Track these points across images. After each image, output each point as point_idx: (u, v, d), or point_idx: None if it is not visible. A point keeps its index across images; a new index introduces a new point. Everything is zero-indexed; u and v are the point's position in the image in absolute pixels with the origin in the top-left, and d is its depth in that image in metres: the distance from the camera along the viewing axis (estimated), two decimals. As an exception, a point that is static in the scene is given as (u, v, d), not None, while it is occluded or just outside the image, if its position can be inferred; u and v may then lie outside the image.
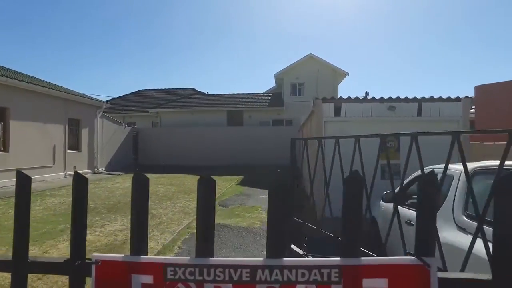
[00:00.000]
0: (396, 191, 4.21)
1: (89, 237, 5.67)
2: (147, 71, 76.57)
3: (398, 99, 6.93)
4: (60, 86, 15.15)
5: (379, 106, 6.83)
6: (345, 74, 23.75)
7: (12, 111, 11.22)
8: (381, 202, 4.68)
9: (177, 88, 30.28)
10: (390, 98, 6.94)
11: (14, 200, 1.44)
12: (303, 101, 20.88)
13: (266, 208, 5.37)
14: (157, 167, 20.32)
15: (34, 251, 4.81)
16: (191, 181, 13.80)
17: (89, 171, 15.59)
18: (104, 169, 17.05)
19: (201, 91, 29.35)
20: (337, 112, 6.97)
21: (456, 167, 3.04)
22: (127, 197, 9.81)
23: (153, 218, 7.17)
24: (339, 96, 22.25)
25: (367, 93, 20.55)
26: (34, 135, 12.15)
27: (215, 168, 19.80)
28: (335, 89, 23.46)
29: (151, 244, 5.32)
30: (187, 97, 26.70)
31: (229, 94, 27.06)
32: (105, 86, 76.18)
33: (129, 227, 5.00)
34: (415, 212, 3.15)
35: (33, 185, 7.00)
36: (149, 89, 31.12)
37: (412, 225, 3.21)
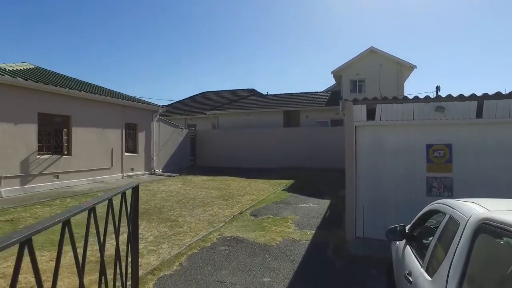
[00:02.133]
0: (409, 225, 3.22)
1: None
2: (215, 74, 79.68)
3: (449, 97, 5.63)
4: (119, 93, 16.25)
5: (424, 107, 5.63)
6: (412, 67, 21.32)
7: (74, 118, 12.26)
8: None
9: (237, 90, 30.63)
10: (439, 96, 5.69)
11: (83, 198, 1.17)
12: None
13: (299, 220, 6.39)
14: (211, 169, 20.71)
15: (40, 258, 4.94)
16: (237, 185, 13.59)
17: (146, 172, 16.44)
18: (161, 170, 17.86)
19: (261, 92, 29.20)
20: (371, 115, 5.96)
21: (467, 209, 2.07)
22: (165, 201, 9.94)
23: (173, 227, 7.02)
24: (403, 93, 20.11)
25: (438, 88, 18.14)
26: (93, 139, 13.14)
27: (268, 171, 19.42)
28: (400, 84, 21.22)
29: (150, 259, 5.08)
30: (243, 98, 26.79)
31: (286, 94, 26.44)
32: (175, 90, 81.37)
33: (147, 236, 5.78)
34: (418, 264, 2.28)
35: (91, 185, 7.95)
36: (211, 91, 32.02)
37: (411, 283, 2.32)
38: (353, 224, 6.08)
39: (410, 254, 2.67)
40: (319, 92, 25.69)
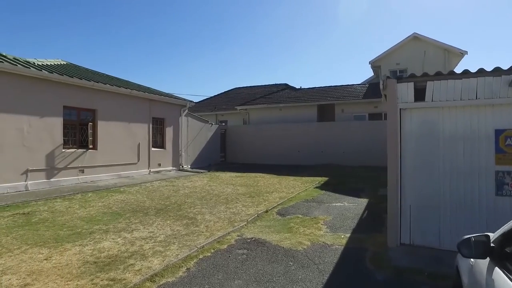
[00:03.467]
0: (494, 236, 2.16)
1: (106, 244, 5.11)
2: (248, 72, 79.40)
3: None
4: (146, 87, 16.01)
5: (492, 82, 4.45)
6: (461, 53, 19.22)
7: (99, 112, 12.08)
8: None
9: (269, 85, 29.77)
10: None
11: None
12: (404, 90, 17.68)
13: (331, 220, 3.96)
14: (241, 165, 20.08)
15: (36, 256, 4.43)
16: (266, 182, 12.78)
17: (174, 168, 16.10)
18: (189, 166, 17.48)
19: (293, 86, 28.12)
20: (420, 95, 4.86)
21: None
22: (187, 197, 9.37)
23: (189, 225, 6.34)
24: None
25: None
26: (119, 134, 12.93)
27: (300, 167, 18.45)
28: (448, 73, 19.23)
29: (153, 262, 4.40)
30: (275, 93, 25.88)
31: (320, 87, 25.15)
32: (207, 86, 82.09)
33: (157, 235, 4.40)
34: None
35: (115, 180, 12.38)
36: (242, 87, 31.44)
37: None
38: (396, 228, 5.03)
39: (505, 282, 1.68)
40: (355, 84, 24.14)
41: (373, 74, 24.30)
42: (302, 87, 26.70)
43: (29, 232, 5.75)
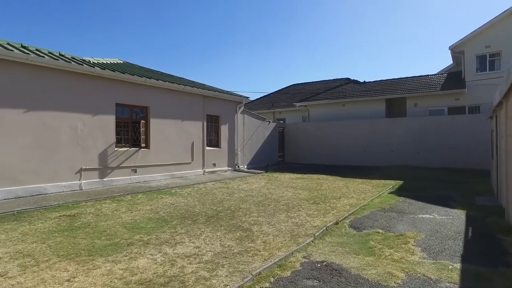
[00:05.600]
0: None
1: (142, 262, 4.16)
2: (308, 69, 77.32)
3: None
4: (199, 83, 15.39)
5: None
6: None
7: (152, 109, 11.63)
8: None
9: (329, 80, 27.87)
10: None
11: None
12: (499, 77, 14.79)
13: (425, 240, 3.39)
14: (300, 166, 18.68)
15: (60, 274, 3.60)
16: (331, 185, 11.29)
17: (229, 168, 15.28)
18: (245, 166, 16.55)
19: (356, 79, 25.87)
20: None
21: None
22: (242, 202, 8.31)
23: (243, 240, 5.19)
24: None
25: None
26: (172, 132, 12.40)
27: (368, 169, 16.51)
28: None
29: (193, 299, 3.28)
30: (337, 88, 23.93)
31: (388, 79, 22.66)
32: (263, 84, 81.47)
33: (204, 252, 2.95)
34: None
35: (168, 181, 11.82)
36: (301, 83, 29.94)
37: None
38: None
39: None
40: (431, 75, 21.24)
41: (452, 62, 21.16)
42: (366, 81, 24.39)
43: (66, 240, 5.08)
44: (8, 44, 8.87)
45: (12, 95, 8.17)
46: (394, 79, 22.45)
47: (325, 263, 4.32)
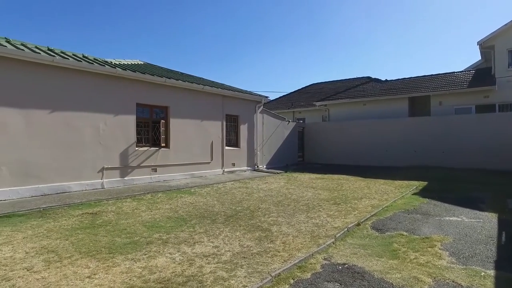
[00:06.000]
0: None
1: (160, 260, 4.15)
2: (328, 68, 76.49)
3: None
4: (219, 83, 15.43)
5: None
6: None
7: (172, 109, 11.74)
8: None
9: (350, 79, 27.40)
10: None
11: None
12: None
13: (452, 244, 3.27)
14: (320, 166, 18.42)
15: (81, 271, 3.64)
16: (352, 185, 11.05)
17: (249, 168, 15.24)
18: (264, 166, 16.47)
19: (378, 78, 25.29)
20: None
21: None
22: (261, 202, 8.24)
23: (263, 240, 5.11)
24: None
25: None
26: (192, 131, 12.47)
27: (390, 169, 16.08)
28: None
29: (211, 299, 3.22)
30: (358, 87, 23.46)
31: (411, 77, 22.01)
32: (282, 84, 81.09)
33: (223, 252, 2.98)
34: None
35: (188, 180, 11.84)
36: (321, 82, 29.58)
37: None
38: None
39: None
40: (456, 72, 20.46)
41: (480, 58, 20.31)
42: (388, 79, 23.79)
43: (88, 237, 5.17)
44: (36, 47, 9.17)
45: (39, 96, 8.43)
46: (418, 77, 21.78)
47: (346, 265, 4.17)
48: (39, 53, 8.43)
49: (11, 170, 7.97)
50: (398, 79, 22.60)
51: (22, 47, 8.45)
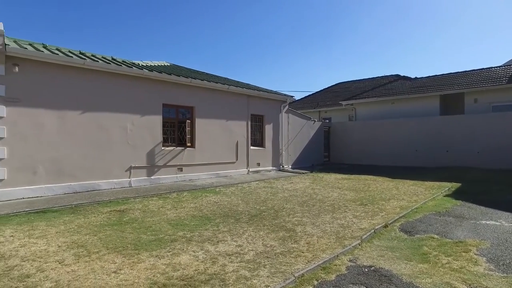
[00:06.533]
0: None
1: (184, 258, 4.19)
2: (355, 67, 74.97)
3: None
4: (244, 83, 15.45)
5: None
6: None
7: (197, 109, 11.89)
8: None
9: (377, 77, 26.65)
10: None
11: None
12: None
13: (490, 249, 3.06)
14: (347, 166, 18.03)
15: (108, 266, 3.73)
16: (380, 186, 10.72)
17: (274, 168, 15.16)
18: (290, 166, 16.33)
19: (407, 75, 24.44)
20: None
21: None
22: (286, 201, 8.16)
23: (286, 240, 5.04)
24: None
25: None
26: (217, 131, 12.57)
27: (420, 170, 15.48)
28: None
29: (233, 298, 3.20)
30: (386, 85, 22.77)
31: (443, 74, 21.08)
32: (308, 84, 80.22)
33: (246, 251, 4.14)
34: None
35: (213, 180, 11.90)
36: (347, 81, 28.98)
37: None
38: None
39: None
40: (494, 67, 19.37)
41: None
42: (417, 77, 22.92)
43: (115, 233, 5.31)
44: (69, 51, 9.58)
45: (71, 97, 8.80)
46: (450, 73, 20.83)
47: (373, 268, 4.02)
48: (72, 56, 8.79)
49: (46, 168, 8.36)
50: (429, 76, 21.72)
51: (56, 52, 8.87)
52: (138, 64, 11.27)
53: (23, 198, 8.00)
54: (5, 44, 7.68)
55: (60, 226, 5.74)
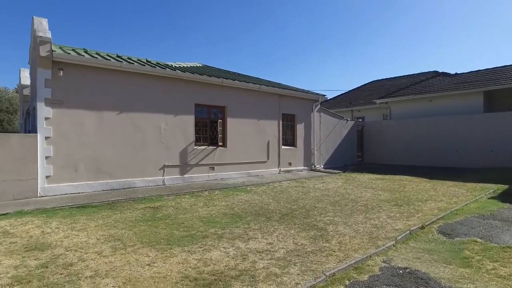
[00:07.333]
0: None
1: (214, 254, 4.24)
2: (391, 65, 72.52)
3: None
4: (275, 83, 15.40)
5: None
6: None
7: (228, 109, 12.01)
8: None
9: (414, 74, 25.60)
10: None
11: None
12: None
13: None
14: (381, 166, 17.44)
15: (142, 259, 3.86)
16: (416, 187, 10.28)
17: (305, 168, 14.99)
18: (322, 166, 16.07)
19: (446, 71, 23.23)
20: None
21: None
22: (318, 201, 8.03)
23: (318, 239, 4.95)
24: None
25: None
26: (248, 131, 12.63)
27: (461, 171, 14.64)
28: None
29: (262, 294, 3.18)
30: (423, 82, 21.76)
31: (487, 69, 19.80)
32: (340, 84, 78.47)
33: (276, 249, 4.22)
34: None
35: (244, 179, 12.05)
36: (381, 79, 28.07)
37: None
38: None
39: None
40: (544, 61, 17.89)
41: None
42: (458, 73, 21.70)
43: (149, 229, 5.48)
44: (107, 55, 10.05)
45: (109, 98, 9.22)
46: (495, 67, 19.53)
47: (408, 270, 3.85)
48: (109, 59, 9.21)
49: (86, 166, 8.82)
50: (471, 72, 20.50)
51: (96, 55, 9.34)
52: (171, 65, 11.59)
53: (66, 194, 8.49)
54: (52, 51, 8.20)
55: (99, 220, 6.03)
